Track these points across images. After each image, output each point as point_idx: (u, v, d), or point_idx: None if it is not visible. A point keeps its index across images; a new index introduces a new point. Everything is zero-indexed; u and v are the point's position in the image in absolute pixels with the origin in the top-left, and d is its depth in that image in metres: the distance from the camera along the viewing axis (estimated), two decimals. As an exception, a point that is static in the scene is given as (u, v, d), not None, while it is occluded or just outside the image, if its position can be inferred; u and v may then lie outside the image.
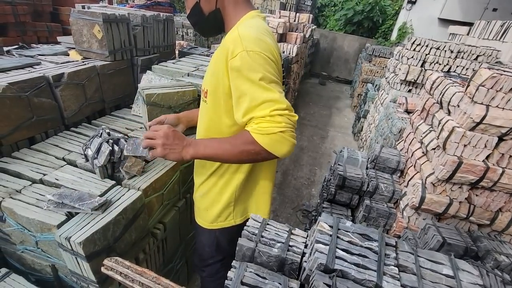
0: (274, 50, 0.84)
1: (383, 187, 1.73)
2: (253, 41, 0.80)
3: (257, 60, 0.78)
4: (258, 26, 0.89)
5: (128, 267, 0.42)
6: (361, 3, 8.13)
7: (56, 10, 3.34)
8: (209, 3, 0.91)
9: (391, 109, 2.67)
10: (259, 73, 0.78)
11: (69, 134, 1.33)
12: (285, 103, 0.78)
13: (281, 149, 0.79)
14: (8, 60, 1.34)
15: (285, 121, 0.77)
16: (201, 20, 0.95)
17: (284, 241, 0.81)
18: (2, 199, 0.91)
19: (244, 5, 0.93)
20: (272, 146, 0.78)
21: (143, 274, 0.41)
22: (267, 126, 0.77)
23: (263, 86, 0.78)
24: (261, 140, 0.78)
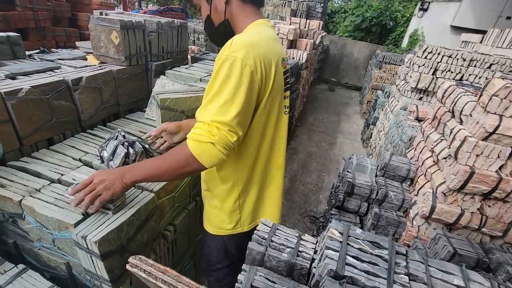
0: (263, 58, 0.83)
1: (393, 195, 1.72)
2: (242, 46, 0.80)
3: (234, 68, 0.78)
4: (261, 32, 0.90)
5: (152, 265, 0.44)
6: (370, 10, 8.13)
7: (74, 15, 3.48)
8: (219, 14, 0.94)
9: (401, 117, 2.65)
10: (228, 81, 0.78)
11: (86, 136, 1.38)
12: (229, 118, 0.78)
13: (206, 158, 0.80)
14: (30, 64, 1.41)
15: (220, 135, 0.78)
16: (212, 31, 0.99)
17: (293, 246, 0.81)
18: (23, 198, 0.95)
19: (251, 14, 0.94)
20: (198, 153, 0.80)
21: (166, 273, 0.43)
22: (201, 133, 0.79)
23: (223, 94, 0.78)
24: (190, 144, 0.80)
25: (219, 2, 0.91)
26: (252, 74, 0.80)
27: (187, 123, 1.25)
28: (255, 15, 0.94)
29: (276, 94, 0.93)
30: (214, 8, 0.93)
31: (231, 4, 0.92)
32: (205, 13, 0.95)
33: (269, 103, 0.92)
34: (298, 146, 4.01)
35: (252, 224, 1.10)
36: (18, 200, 0.94)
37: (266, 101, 0.90)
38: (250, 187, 1.04)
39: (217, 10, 0.93)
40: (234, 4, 0.92)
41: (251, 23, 0.93)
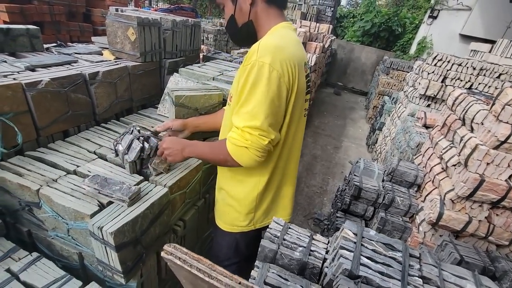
0: (289, 62, 0.85)
1: (399, 200, 1.72)
2: (269, 50, 0.83)
3: (262, 74, 0.82)
4: (284, 35, 0.92)
5: (186, 253, 0.45)
6: (379, 15, 8.13)
7: (88, 11, 3.52)
8: (243, 15, 0.95)
9: (409, 123, 2.65)
10: (257, 87, 0.82)
11: (100, 129, 1.40)
12: (259, 123, 0.83)
13: (242, 160, 0.89)
14: (49, 57, 1.43)
15: (252, 140, 0.85)
16: (235, 31, 1.00)
17: (305, 245, 0.83)
18: (40, 187, 0.97)
19: (275, 16, 0.96)
20: (235, 155, 0.89)
21: (200, 261, 0.44)
22: (236, 137, 0.87)
23: (254, 101, 0.83)
24: (229, 147, 0.89)
25: (244, 2, 0.92)
26: (279, 78, 0.83)
27: (192, 121, 1.29)
28: (279, 18, 0.95)
29: (299, 97, 0.95)
30: (238, 8, 0.93)
31: (256, 5, 0.92)
32: (229, 12, 0.95)
33: (292, 106, 0.93)
34: (304, 149, 4.02)
35: (264, 222, 1.11)
36: (36, 189, 0.96)
37: (291, 104, 0.92)
38: (269, 188, 1.05)
39: (241, 11, 0.94)
40: (259, 5, 0.92)
41: (274, 26, 0.94)
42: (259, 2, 0.93)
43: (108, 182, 0.96)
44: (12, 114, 1.08)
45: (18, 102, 1.10)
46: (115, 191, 0.93)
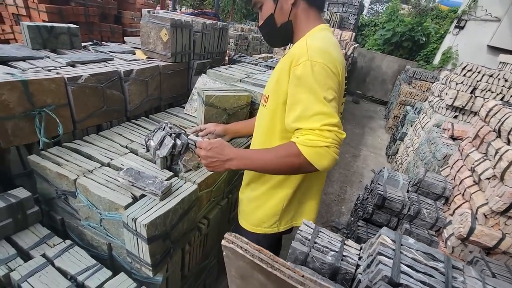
0: (337, 63, 0.86)
1: (426, 212, 1.66)
2: (319, 52, 0.83)
3: (319, 72, 0.80)
4: (326, 38, 0.91)
5: (247, 243, 0.45)
6: (402, 25, 7.99)
7: (119, 13, 3.68)
8: (283, 15, 0.94)
9: (434, 134, 2.57)
10: (318, 85, 0.80)
11: (130, 125, 1.44)
12: (336, 119, 0.80)
13: (323, 162, 0.81)
14: (87, 54, 1.50)
15: (332, 137, 0.79)
16: (272, 31, 0.99)
17: (337, 250, 0.81)
18: (77, 177, 1.01)
19: (315, 18, 0.95)
20: (315, 158, 0.80)
21: (261, 251, 0.44)
22: (314, 139, 0.79)
23: (319, 99, 0.80)
24: (306, 151, 0.80)
25: (286, 2, 0.91)
26: (336, 76, 0.84)
27: (232, 127, 1.33)
28: (317, 20, 0.95)
29: (340, 100, 0.94)
30: (279, 8, 0.93)
31: (298, 6, 0.92)
32: (268, 12, 0.95)
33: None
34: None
35: (288, 225, 1.10)
36: (74, 179, 1.00)
37: None
38: (298, 191, 1.04)
39: (282, 10, 0.93)
40: (301, 6, 0.92)
41: (313, 28, 0.94)
42: (300, 3, 0.93)
43: (141, 175, 0.98)
44: (54, 106, 1.14)
45: (60, 95, 1.15)
46: (148, 184, 0.95)
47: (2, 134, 1.01)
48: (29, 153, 1.13)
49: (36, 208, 1.04)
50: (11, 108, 1.01)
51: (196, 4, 10.75)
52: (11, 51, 1.22)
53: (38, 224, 1.06)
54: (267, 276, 0.41)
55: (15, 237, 0.99)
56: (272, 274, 0.40)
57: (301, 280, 0.41)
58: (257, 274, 0.43)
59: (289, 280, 0.40)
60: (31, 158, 1.06)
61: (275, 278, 0.41)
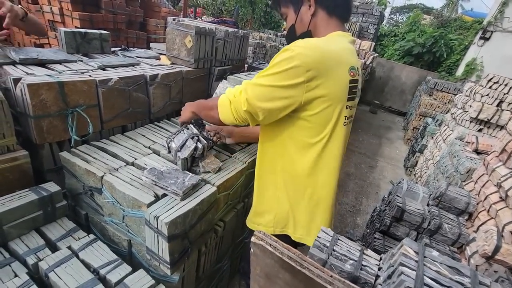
0: (322, 61, 0.84)
1: (448, 228, 1.60)
2: (305, 43, 0.84)
3: (287, 57, 0.82)
4: (332, 40, 0.92)
5: (276, 241, 0.46)
6: (423, 36, 7.83)
7: (145, 20, 3.85)
8: (303, 25, 0.98)
9: (457, 147, 2.48)
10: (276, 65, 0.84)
11: (153, 127, 1.49)
12: (246, 93, 0.88)
13: (221, 111, 0.99)
14: (116, 58, 1.58)
15: (238, 98, 0.91)
16: (293, 40, 1.02)
17: (357, 259, 0.80)
18: (104, 174, 1.05)
19: (334, 27, 0.96)
20: (220, 104, 0.99)
21: (290, 250, 0.45)
22: (230, 91, 0.96)
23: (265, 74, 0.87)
24: (220, 97, 0.99)
25: (306, 13, 0.95)
26: (300, 68, 0.82)
27: (240, 131, 1.38)
28: (337, 28, 0.96)
29: (333, 101, 0.90)
30: (299, 19, 0.97)
31: (317, 16, 0.95)
32: (290, 22, 0.99)
33: (320, 107, 0.89)
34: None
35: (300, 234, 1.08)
36: (100, 176, 1.04)
37: (315, 104, 0.88)
38: (303, 193, 1.03)
39: (302, 21, 0.97)
40: (320, 16, 0.95)
41: (329, 34, 0.95)
42: (320, 13, 0.95)
43: (164, 175, 1.02)
44: (85, 106, 1.20)
45: (91, 96, 1.22)
46: (170, 184, 0.98)
47: (38, 131, 1.08)
48: (60, 150, 1.19)
49: (64, 202, 1.10)
50: (47, 107, 1.08)
51: (217, 13, 11.04)
52: (49, 55, 1.31)
53: (65, 218, 1.11)
54: (295, 275, 0.42)
55: (44, 229, 1.04)
56: (300, 272, 0.41)
57: (330, 280, 0.41)
58: (284, 273, 0.44)
59: (318, 279, 0.40)
60: (62, 155, 1.12)
61: (303, 277, 0.41)
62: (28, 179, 1.11)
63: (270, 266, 0.47)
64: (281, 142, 0.99)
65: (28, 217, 1.00)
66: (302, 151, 0.97)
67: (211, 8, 11.25)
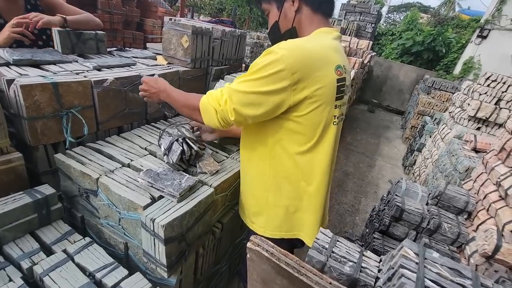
0: (307, 62, 0.83)
1: (447, 227, 1.59)
2: (288, 44, 0.83)
3: (271, 60, 0.81)
4: (316, 39, 0.90)
5: (273, 247, 0.45)
6: (421, 34, 7.84)
7: (142, 21, 3.83)
8: (287, 22, 0.96)
9: (455, 146, 2.48)
10: (260, 69, 0.82)
11: (150, 128, 1.48)
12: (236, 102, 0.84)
13: (205, 117, 0.93)
14: (112, 59, 1.56)
15: (224, 108, 0.87)
16: (277, 37, 1.00)
17: (356, 261, 0.79)
18: (100, 176, 1.04)
19: (319, 23, 0.94)
20: (203, 109, 0.93)
21: (287, 256, 0.43)
22: (214, 97, 0.89)
23: (248, 79, 0.85)
24: (203, 99, 0.93)
25: (290, 10, 0.93)
26: (285, 71, 0.80)
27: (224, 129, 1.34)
28: (322, 24, 0.94)
29: (320, 101, 0.88)
30: (283, 15, 0.95)
31: (301, 12, 0.93)
32: (273, 19, 0.97)
33: (308, 108, 0.88)
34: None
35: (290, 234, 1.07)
36: (96, 178, 1.03)
37: (303, 106, 0.87)
38: (289, 193, 1.01)
39: (286, 18, 0.95)
40: (304, 12, 0.93)
41: (314, 31, 0.94)
42: (304, 9, 0.93)
43: (160, 177, 1.00)
44: (80, 107, 1.19)
45: (86, 97, 1.20)
46: (167, 186, 0.96)
47: (32, 133, 1.06)
48: (55, 152, 1.18)
49: (59, 205, 1.08)
50: (42, 108, 1.06)
51: (214, 12, 11.02)
52: (44, 55, 1.29)
53: (60, 221, 1.10)
54: (292, 281, 0.41)
55: (39, 232, 1.03)
56: (297, 279, 0.40)
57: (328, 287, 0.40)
58: (281, 279, 0.43)
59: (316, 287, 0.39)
60: (57, 157, 1.11)
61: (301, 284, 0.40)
62: (22, 182, 1.09)
63: (267, 272, 0.46)
64: (270, 143, 0.97)
65: (22, 220, 0.98)
66: (292, 151, 0.96)
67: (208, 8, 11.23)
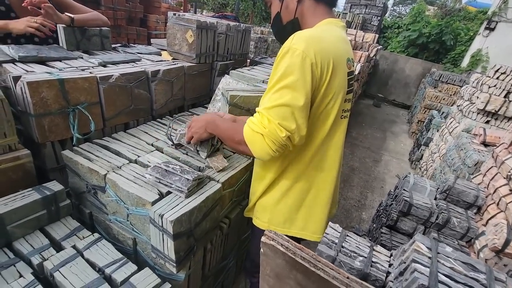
0: (325, 53, 0.81)
1: (456, 221, 1.57)
2: (303, 39, 0.79)
3: (294, 59, 0.78)
4: (325, 30, 0.88)
5: (288, 241, 0.45)
6: (429, 26, 7.69)
7: (145, 17, 3.82)
8: (289, 13, 0.94)
9: (464, 140, 2.44)
10: (288, 72, 0.78)
11: (156, 124, 1.48)
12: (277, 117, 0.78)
13: (255, 149, 0.84)
14: (117, 55, 1.56)
15: (270, 127, 0.79)
16: (280, 29, 0.99)
17: (366, 255, 0.78)
18: (107, 172, 1.04)
19: (322, 13, 0.92)
20: (249, 141, 0.84)
21: (303, 250, 0.43)
22: (255, 122, 0.82)
23: (277, 88, 0.79)
24: (245, 130, 0.84)
25: (291, 0, 0.91)
26: (312, 66, 0.79)
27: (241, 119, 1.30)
28: (326, 15, 0.92)
29: (335, 95, 0.88)
30: (285, 6, 0.92)
31: (303, 2, 0.91)
32: (275, 10, 0.95)
33: (324, 103, 0.87)
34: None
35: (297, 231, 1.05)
36: (104, 174, 1.03)
37: (321, 100, 0.87)
38: (291, 192, 1.00)
39: (287, 8, 0.93)
40: (306, 3, 0.91)
41: (319, 22, 0.91)
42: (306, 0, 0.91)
43: (168, 172, 1.00)
44: (87, 104, 1.19)
45: (92, 94, 1.20)
46: (175, 181, 0.96)
47: (39, 130, 1.07)
48: (62, 149, 1.18)
49: (67, 201, 1.09)
50: (48, 105, 1.06)
51: (217, 7, 10.94)
52: (49, 52, 1.29)
53: (69, 217, 1.10)
54: (307, 276, 0.40)
55: (48, 228, 1.04)
56: (313, 273, 0.39)
57: (346, 282, 0.39)
58: (296, 274, 0.42)
59: (334, 281, 0.38)
60: (64, 153, 1.11)
61: (317, 278, 0.39)
62: (31, 179, 1.09)
63: (281, 267, 0.46)
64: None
65: (32, 217, 0.99)
66: (304, 146, 0.94)
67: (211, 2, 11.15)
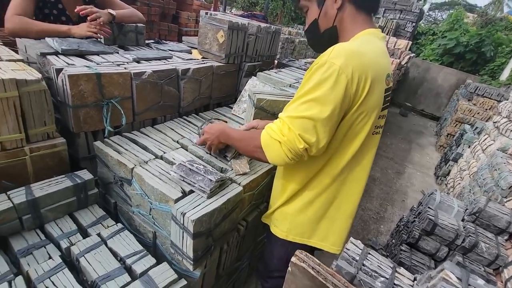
0: (364, 70, 0.78)
1: (485, 247, 1.48)
2: (343, 53, 0.77)
3: (330, 75, 0.75)
4: (366, 42, 0.84)
5: (319, 265, 0.44)
6: (467, 34, 7.26)
7: (177, 13, 3.91)
8: (327, 20, 0.90)
9: (499, 159, 2.29)
10: (321, 84, 0.76)
11: (182, 121, 1.51)
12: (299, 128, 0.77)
13: (271, 154, 0.84)
14: (150, 51, 1.61)
15: (289, 136, 0.78)
16: (316, 36, 0.96)
17: (388, 276, 0.75)
18: (134, 166, 1.08)
19: (363, 22, 0.89)
20: (265, 147, 0.84)
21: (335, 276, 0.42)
22: (274, 129, 0.81)
23: (306, 99, 0.78)
24: (263, 135, 0.84)
25: (331, 7, 0.87)
26: (347, 84, 0.76)
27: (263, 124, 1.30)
28: (366, 24, 0.89)
29: (371, 111, 0.85)
30: (323, 13, 0.89)
31: (344, 10, 0.87)
32: (312, 17, 0.91)
33: (357, 119, 0.85)
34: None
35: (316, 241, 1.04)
36: (131, 168, 1.07)
37: (353, 117, 0.84)
38: (318, 200, 0.98)
39: (326, 15, 0.89)
40: (347, 11, 0.87)
41: (359, 32, 0.87)
42: (347, 6, 0.87)
43: (192, 171, 1.02)
44: (120, 98, 1.23)
45: (125, 89, 1.25)
46: (198, 181, 0.98)
47: (75, 120, 1.13)
48: (94, 140, 1.24)
49: (95, 190, 1.14)
50: (85, 98, 1.11)
51: (246, 6, 10.97)
52: (89, 46, 1.35)
53: (96, 205, 1.16)
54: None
55: (77, 214, 1.09)
56: (343, 302, 0.38)
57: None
58: (323, 298, 0.41)
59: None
60: (96, 144, 1.16)
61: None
62: (64, 166, 1.16)
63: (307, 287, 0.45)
64: None
65: (63, 202, 1.05)
66: (331, 160, 0.93)
67: (241, 1, 11.21)
